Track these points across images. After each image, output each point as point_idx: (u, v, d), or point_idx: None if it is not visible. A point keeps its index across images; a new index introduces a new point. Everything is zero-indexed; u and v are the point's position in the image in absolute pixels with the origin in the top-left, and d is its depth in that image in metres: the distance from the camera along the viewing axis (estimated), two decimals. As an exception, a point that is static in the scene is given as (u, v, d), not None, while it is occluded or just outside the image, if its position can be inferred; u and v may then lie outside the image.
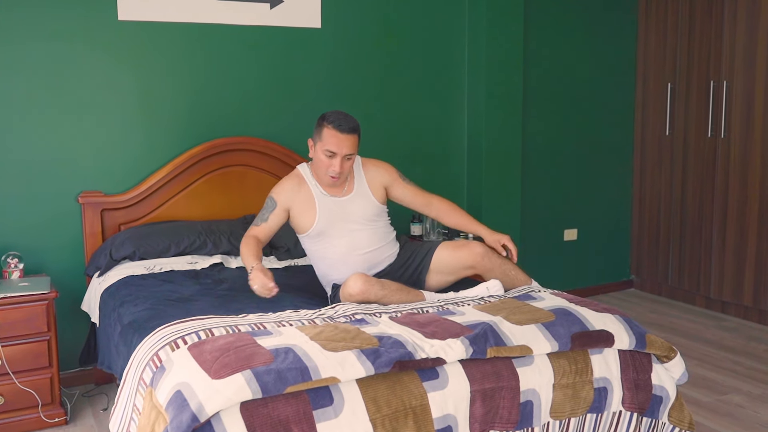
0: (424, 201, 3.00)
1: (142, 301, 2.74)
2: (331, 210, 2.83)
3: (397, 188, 2.97)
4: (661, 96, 4.97)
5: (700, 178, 4.74)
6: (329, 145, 2.72)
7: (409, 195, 2.99)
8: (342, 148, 2.72)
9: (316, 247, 2.89)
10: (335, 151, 2.72)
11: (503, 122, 4.40)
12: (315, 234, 2.85)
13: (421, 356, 2.03)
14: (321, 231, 2.83)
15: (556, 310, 2.37)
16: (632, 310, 4.79)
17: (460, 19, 4.38)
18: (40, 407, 3.05)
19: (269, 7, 3.80)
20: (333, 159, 2.73)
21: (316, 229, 2.83)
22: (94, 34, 3.44)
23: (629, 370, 2.32)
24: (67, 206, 3.45)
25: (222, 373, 1.84)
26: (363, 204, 2.87)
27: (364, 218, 2.87)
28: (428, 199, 3.01)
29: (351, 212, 2.85)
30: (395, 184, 2.97)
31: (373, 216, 2.89)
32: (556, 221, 4.96)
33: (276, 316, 2.38)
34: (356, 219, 2.86)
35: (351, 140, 2.73)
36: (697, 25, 4.66)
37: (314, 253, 2.93)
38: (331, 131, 2.72)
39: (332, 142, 2.71)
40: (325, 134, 2.73)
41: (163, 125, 3.63)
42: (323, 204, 2.83)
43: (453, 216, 3.00)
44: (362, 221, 2.87)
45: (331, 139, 2.71)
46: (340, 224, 2.84)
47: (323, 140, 2.73)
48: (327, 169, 2.76)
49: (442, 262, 2.90)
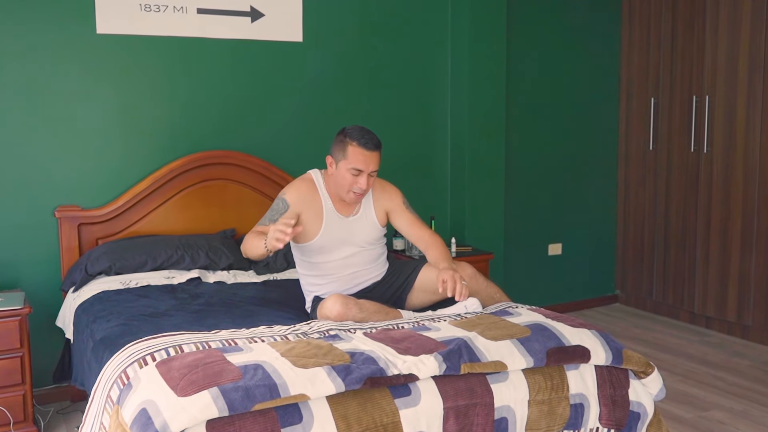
0: (418, 235, 2.90)
1: (116, 316, 2.70)
2: (336, 229, 2.79)
3: (398, 217, 2.91)
4: (644, 110, 4.99)
5: (683, 193, 4.74)
6: (356, 163, 2.66)
7: (406, 225, 2.92)
8: (369, 166, 2.67)
9: (309, 259, 2.85)
10: (362, 169, 2.66)
11: (486, 136, 4.40)
12: (314, 248, 2.81)
13: (394, 372, 2.00)
14: (321, 247, 2.80)
15: (532, 325, 2.34)
16: (616, 324, 4.78)
17: (442, 32, 4.39)
18: (12, 425, 3.00)
19: (250, 21, 3.79)
20: (359, 177, 2.67)
21: (317, 243, 2.79)
22: (73, 48, 3.42)
23: (606, 386, 2.29)
24: (43, 220, 3.42)
25: (188, 391, 1.81)
26: (367, 228, 2.84)
27: (365, 241, 2.85)
28: (422, 233, 2.90)
29: (354, 234, 2.82)
30: (397, 212, 2.91)
31: (374, 240, 2.87)
32: (541, 236, 4.95)
33: (249, 332, 2.35)
34: (357, 241, 2.83)
35: (377, 157, 2.70)
36: (680, 41, 4.68)
37: (304, 264, 2.89)
38: (357, 149, 2.66)
39: (359, 159, 2.66)
40: (350, 152, 2.67)
41: (142, 139, 3.61)
42: (330, 221, 2.78)
43: (432, 251, 2.85)
44: (363, 244, 2.84)
45: (358, 156, 2.66)
46: (341, 244, 2.81)
47: (348, 158, 2.67)
48: (352, 186, 2.69)
49: (428, 282, 2.87)
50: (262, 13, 3.81)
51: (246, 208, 3.76)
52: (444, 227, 4.50)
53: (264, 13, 3.82)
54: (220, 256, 3.40)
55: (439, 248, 2.82)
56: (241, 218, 3.76)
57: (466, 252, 4.13)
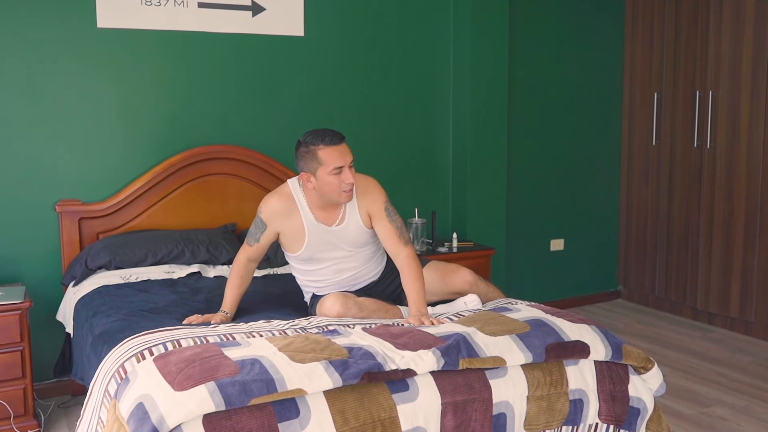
0: (394, 251, 2.72)
1: (115, 311, 2.70)
2: (321, 240, 2.72)
3: (377, 224, 2.75)
4: (647, 106, 4.96)
5: (686, 188, 4.72)
6: (334, 161, 2.57)
7: (383, 236, 2.74)
8: (346, 158, 2.60)
9: (301, 266, 2.83)
10: (342, 164, 2.58)
11: (488, 131, 4.38)
12: (301, 259, 2.79)
13: (391, 368, 1.99)
14: (308, 258, 2.76)
15: (531, 320, 2.33)
16: (619, 320, 4.77)
17: (444, 27, 4.37)
18: (12, 419, 3.00)
19: (251, 15, 3.78)
20: (342, 174, 2.59)
21: (302, 256, 2.76)
22: (73, 42, 3.41)
23: (605, 382, 2.28)
24: (44, 215, 3.42)
25: (185, 385, 1.80)
26: (354, 233, 2.75)
27: (354, 246, 2.78)
28: (397, 249, 2.71)
29: (341, 241, 2.75)
30: (377, 218, 2.75)
31: (363, 243, 2.80)
32: (543, 231, 4.94)
33: (247, 327, 2.35)
34: (345, 247, 2.76)
35: (347, 148, 2.63)
36: (683, 35, 4.66)
37: (297, 269, 2.87)
38: (328, 149, 2.57)
39: (334, 157, 2.57)
40: (322, 156, 2.57)
41: (143, 133, 3.60)
42: (313, 233, 2.71)
43: (405, 278, 2.68)
44: (352, 248, 2.78)
45: (332, 155, 2.57)
46: (328, 252, 2.75)
47: (325, 162, 2.57)
48: (340, 186, 2.60)
49: (430, 283, 2.84)
50: (263, 7, 3.80)
51: (246, 203, 3.75)
52: (445, 222, 4.49)
53: (265, 7, 3.80)
54: (221, 251, 3.40)
55: (412, 279, 2.63)
56: (242, 213, 3.75)
57: (467, 247, 4.12)
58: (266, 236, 2.74)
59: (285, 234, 2.74)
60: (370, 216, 2.76)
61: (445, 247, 4.08)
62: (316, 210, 2.72)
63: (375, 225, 2.75)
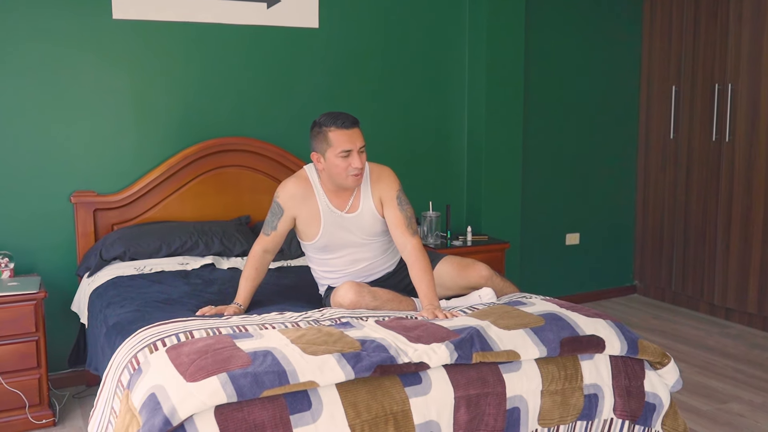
0: (401, 240, 2.70)
1: (129, 302, 2.71)
2: (336, 227, 2.73)
3: (387, 210, 2.74)
4: (665, 99, 4.90)
5: (704, 183, 4.66)
6: (342, 144, 2.58)
7: (392, 224, 2.72)
8: (356, 143, 2.60)
9: (316, 256, 2.83)
10: (350, 148, 2.59)
11: (504, 124, 4.35)
12: (317, 247, 2.79)
13: (404, 361, 1.98)
14: (324, 246, 2.76)
15: (546, 314, 2.31)
16: (635, 315, 4.72)
17: (460, 18, 4.34)
18: (28, 408, 3.02)
19: (266, 7, 3.77)
20: (350, 158, 2.60)
21: (318, 243, 2.76)
22: (88, 33, 3.41)
23: (621, 377, 2.26)
24: (59, 206, 3.43)
25: (197, 376, 1.80)
26: (369, 221, 2.75)
27: (369, 234, 2.77)
28: (405, 239, 2.69)
29: (356, 229, 2.74)
30: (388, 205, 2.74)
31: (378, 232, 2.79)
32: (558, 225, 4.90)
33: (260, 319, 2.34)
34: (361, 235, 2.76)
35: (358, 133, 2.63)
36: (702, 28, 4.59)
37: (313, 259, 2.87)
38: (338, 131, 2.59)
39: (344, 140, 2.58)
40: (332, 138, 2.59)
41: (158, 125, 3.61)
42: (328, 220, 2.71)
43: (414, 270, 2.66)
44: (367, 237, 2.78)
45: (341, 138, 2.59)
46: (344, 240, 2.75)
47: (333, 144, 2.59)
48: (347, 169, 2.60)
49: (445, 277, 2.84)
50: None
51: (261, 195, 3.75)
52: (460, 216, 4.47)
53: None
54: (234, 243, 3.40)
55: (421, 271, 2.61)
56: (256, 205, 3.75)
57: (482, 241, 4.10)
58: (283, 222, 2.73)
59: (301, 219, 2.73)
60: (382, 203, 2.76)
61: (460, 241, 4.06)
62: (331, 195, 2.73)
63: (385, 211, 2.75)
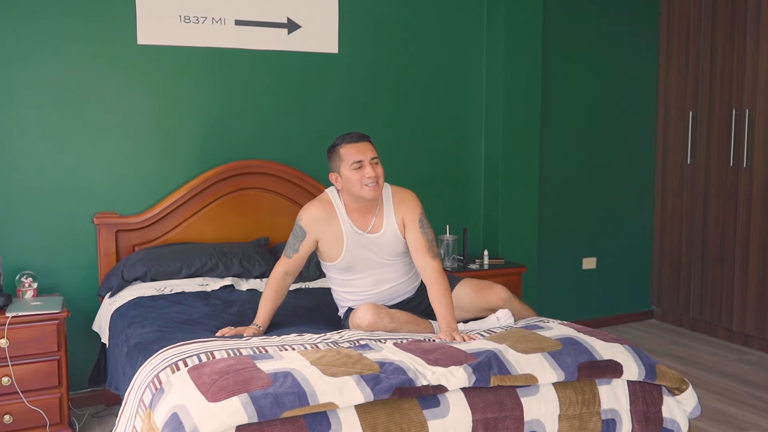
0: (422, 263, 2.74)
1: (150, 322, 2.74)
2: (359, 247, 2.77)
3: (409, 233, 2.78)
4: (682, 124, 4.91)
5: (722, 208, 4.66)
6: (353, 156, 2.67)
7: (413, 247, 2.77)
8: (366, 153, 2.69)
9: (339, 277, 2.86)
10: (361, 159, 2.67)
11: (521, 148, 4.37)
12: (340, 267, 2.82)
13: (423, 383, 2.00)
14: (347, 266, 2.80)
15: (564, 339, 2.32)
16: (652, 341, 4.70)
17: (478, 44, 4.38)
18: (48, 427, 3.05)
19: (287, 32, 3.84)
20: (362, 169, 2.67)
21: (341, 264, 2.79)
22: (114, 58, 3.49)
23: (639, 402, 2.26)
24: (82, 227, 3.49)
25: (219, 396, 1.83)
26: (391, 241, 2.79)
27: (391, 255, 2.81)
28: (425, 262, 2.73)
29: (378, 249, 2.78)
30: (410, 228, 2.79)
31: (400, 252, 2.83)
32: (575, 249, 4.90)
33: (279, 340, 2.37)
34: (383, 255, 2.80)
35: (369, 146, 2.72)
36: (719, 53, 4.61)
37: (334, 280, 2.90)
38: (347, 146, 2.70)
39: (353, 152, 2.68)
40: (343, 153, 2.70)
41: (179, 147, 3.67)
42: (351, 240, 2.75)
43: (433, 292, 2.67)
44: (388, 257, 2.81)
45: (351, 150, 2.68)
46: (367, 260, 2.79)
47: (345, 158, 2.69)
48: (361, 180, 2.66)
49: (463, 299, 2.86)
50: (299, 25, 3.86)
51: (280, 218, 3.79)
52: (477, 239, 4.48)
53: (300, 25, 3.86)
54: (254, 265, 3.43)
55: (440, 294, 2.64)
56: (275, 227, 3.79)
57: (498, 264, 4.11)
58: (306, 245, 2.77)
59: (324, 241, 2.77)
60: (405, 225, 2.80)
61: (476, 264, 4.07)
62: (353, 215, 2.77)
63: (407, 233, 2.80)
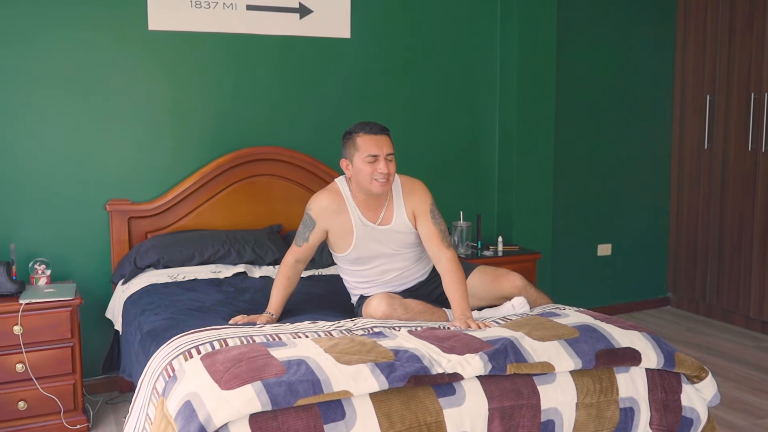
0: (435, 252, 2.72)
1: (163, 309, 2.73)
2: (369, 239, 2.74)
3: (420, 224, 2.75)
4: (699, 108, 4.84)
5: (740, 193, 4.59)
6: (369, 149, 2.61)
7: (426, 237, 2.73)
8: (382, 148, 2.63)
9: (348, 267, 2.84)
10: (377, 153, 2.62)
11: (535, 133, 4.33)
12: (349, 259, 2.80)
13: (438, 371, 1.97)
14: (356, 258, 2.77)
15: (581, 326, 2.29)
16: (668, 328, 4.66)
17: (492, 29, 4.33)
18: (62, 413, 3.06)
19: (299, 17, 3.80)
20: (376, 163, 2.62)
21: (350, 255, 2.77)
22: (125, 44, 3.47)
23: (657, 390, 2.22)
24: (94, 214, 3.48)
25: (232, 384, 1.81)
26: (402, 234, 2.76)
27: (401, 246, 2.79)
28: (439, 252, 2.71)
29: (388, 241, 2.75)
30: (421, 218, 2.76)
31: (410, 244, 2.81)
32: (590, 236, 4.85)
33: (293, 327, 2.35)
34: (393, 246, 2.77)
35: (386, 140, 2.66)
36: (738, 37, 4.53)
37: (344, 270, 2.88)
38: (365, 137, 2.64)
39: (370, 145, 2.62)
40: (360, 143, 2.64)
41: (191, 134, 3.65)
42: (360, 232, 2.73)
43: (447, 280, 2.65)
44: (399, 248, 2.79)
45: (368, 143, 2.63)
46: (376, 252, 2.76)
47: (360, 149, 2.63)
48: (372, 174, 2.62)
49: (478, 287, 2.83)
50: (311, 10, 3.82)
51: (292, 204, 3.77)
52: (491, 226, 4.44)
53: (312, 10, 3.82)
54: (266, 251, 3.42)
55: (454, 283, 2.62)
56: (287, 214, 3.77)
57: (513, 251, 4.07)
58: (315, 235, 2.74)
59: (333, 232, 2.74)
60: (415, 216, 2.77)
61: (490, 251, 4.04)
62: (362, 207, 2.73)
63: (418, 225, 2.76)
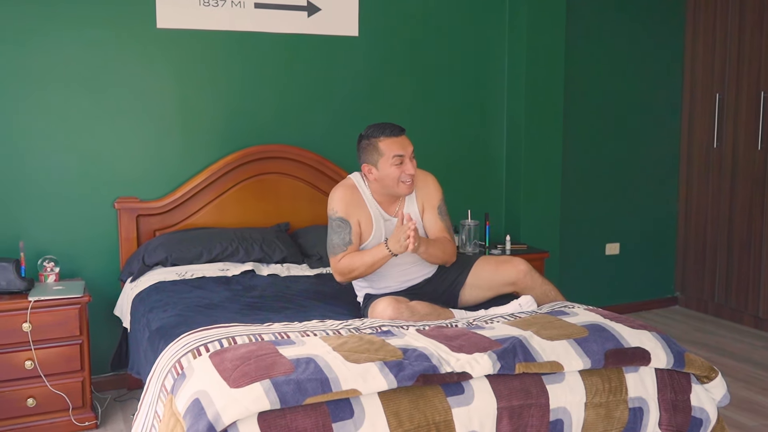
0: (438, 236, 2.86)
1: (171, 307, 2.74)
2: (385, 231, 2.80)
3: (427, 218, 2.86)
4: (708, 106, 4.82)
5: (749, 192, 4.57)
6: (395, 150, 2.68)
7: (433, 229, 2.85)
8: (406, 148, 2.71)
9: None
10: (403, 154, 2.69)
11: (543, 132, 4.31)
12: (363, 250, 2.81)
13: (446, 370, 1.97)
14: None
15: (590, 325, 2.28)
16: (676, 327, 4.64)
17: (500, 27, 4.32)
18: (71, 410, 3.07)
19: (307, 15, 3.80)
20: (403, 164, 2.69)
21: (368, 245, 2.79)
22: (133, 42, 3.47)
23: (667, 390, 2.21)
24: (103, 211, 3.49)
25: (241, 382, 1.81)
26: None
27: None
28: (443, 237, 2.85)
29: None
30: (429, 211, 2.85)
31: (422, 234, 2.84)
32: (598, 235, 4.84)
33: (301, 326, 2.35)
34: None
35: (407, 139, 2.74)
36: (747, 35, 4.51)
37: None
38: (388, 140, 2.70)
39: (395, 147, 2.69)
40: (383, 147, 2.70)
41: (200, 132, 3.65)
42: (379, 225, 2.79)
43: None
44: None
45: (393, 145, 2.69)
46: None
47: (385, 153, 2.69)
48: (401, 175, 2.69)
49: (482, 277, 2.84)
50: (319, 8, 3.81)
51: (300, 202, 3.77)
52: (499, 224, 4.43)
53: (320, 8, 3.81)
54: (274, 250, 3.42)
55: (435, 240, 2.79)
56: (295, 212, 3.77)
57: (521, 250, 4.06)
58: (354, 233, 2.77)
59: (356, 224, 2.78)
60: (423, 209, 2.83)
61: (498, 250, 4.03)
62: (380, 200, 2.79)
63: (425, 217, 2.83)
